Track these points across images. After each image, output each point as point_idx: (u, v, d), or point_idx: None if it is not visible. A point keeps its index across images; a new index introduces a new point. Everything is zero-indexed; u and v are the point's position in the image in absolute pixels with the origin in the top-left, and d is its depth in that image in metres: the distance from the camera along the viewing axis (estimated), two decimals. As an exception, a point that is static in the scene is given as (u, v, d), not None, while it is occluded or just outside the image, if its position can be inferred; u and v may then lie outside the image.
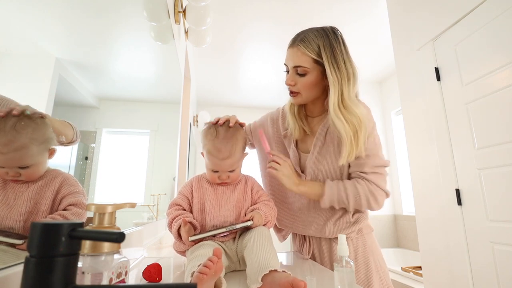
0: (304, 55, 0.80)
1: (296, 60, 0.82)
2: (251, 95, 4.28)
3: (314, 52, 0.80)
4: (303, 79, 0.83)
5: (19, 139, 0.44)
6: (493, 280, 1.45)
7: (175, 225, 0.72)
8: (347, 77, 0.80)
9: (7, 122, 0.43)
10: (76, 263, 0.26)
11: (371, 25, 2.66)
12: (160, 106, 1.62)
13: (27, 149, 0.46)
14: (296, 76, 0.83)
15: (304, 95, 0.85)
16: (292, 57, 0.83)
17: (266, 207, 0.80)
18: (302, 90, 0.84)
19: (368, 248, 0.90)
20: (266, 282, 0.57)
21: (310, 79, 0.82)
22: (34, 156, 0.48)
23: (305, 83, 0.83)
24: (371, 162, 0.83)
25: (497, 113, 1.46)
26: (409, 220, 3.34)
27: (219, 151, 0.74)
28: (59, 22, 0.56)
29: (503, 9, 1.43)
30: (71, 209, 0.52)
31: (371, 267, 0.87)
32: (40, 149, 0.48)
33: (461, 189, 1.65)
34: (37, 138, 0.47)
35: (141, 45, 1.15)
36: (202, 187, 0.81)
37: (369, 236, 0.92)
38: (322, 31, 0.82)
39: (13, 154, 0.45)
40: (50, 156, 0.51)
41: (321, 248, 0.93)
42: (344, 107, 0.80)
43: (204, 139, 0.78)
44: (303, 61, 0.81)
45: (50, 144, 0.50)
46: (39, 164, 0.50)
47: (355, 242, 0.90)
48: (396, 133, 3.62)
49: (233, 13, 2.51)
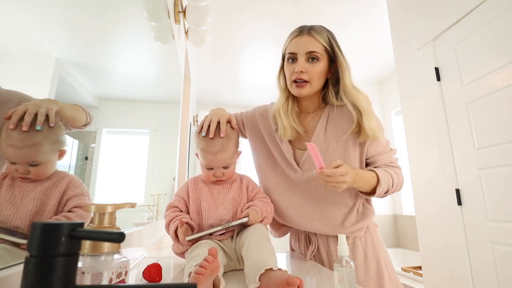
0: (316, 41, 0.84)
1: (309, 46, 0.84)
2: (251, 95, 4.28)
3: (326, 41, 0.84)
4: (315, 66, 0.84)
5: (35, 136, 0.46)
6: (493, 280, 1.45)
7: (172, 227, 0.73)
8: (347, 66, 0.87)
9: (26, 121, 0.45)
10: (76, 263, 0.26)
11: (371, 25, 2.66)
12: (160, 106, 1.62)
13: (40, 146, 0.48)
14: (307, 63, 0.84)
15: (314, 84, 0.86)
16: (305, 43, 0.84)
17: (262, 203, 0.80)
18: (313, 78, 0.85)
19: (377, 245, 0.91)
20: (263, 281, 0.57)
21: (321, 66, 0.85)
22: (45, 154, 0.49)
23: (316, 70, 0.84)
24: (392, 153, 0.93)
25: (497, 113, 1.46)
26: (409, 220, 3.34)
27: (212, 145, 0.75)
28: (59, 22, 0.56)
29: (503, 9, 1.43)
30: (76, 211, 0.53)
31: (382, 264, 0.88)
32: (52, 148, 0.50)
33: (461, 189, 1.65)
34: (50, 137, 0.49)
35: (141, 45, 1.15)
36: (198, 187, 0.81)
37: (375, 233, 0.93)
38: (325, 28, 0.89)
39: (27, 150, 0.46)
40: (60, 158, 0.53)
41: (328, 248, 0.90)
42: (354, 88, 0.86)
43: (196, 138, 0.79)
44: (315, 46, 0.84)
45: (61, 145, 0.52)
46: (48, 163, 0.51)
47: (364, 241, 0.90)
48: (396, 133, 3.62)
49: (233, 13, 2.50)
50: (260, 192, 0.86)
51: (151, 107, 1.42)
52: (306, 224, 0.91)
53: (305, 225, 0.91)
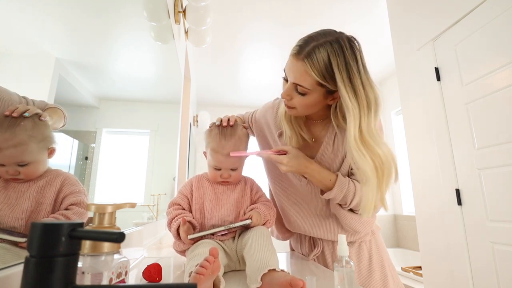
0: (306, 74, 0.67)
1: (297, 77, 0.69)
2: (251, 95, 4.28)
3: (320, 74, 0.66)
4: (301, 98, 0.71)
5: (19, 135, 0.45)
6: (493, 280, 1.45)
7: (175, 225, 0.73)
8: (367, 105, 0.66)
9: (7, 119, 0.43)
10: (76, 263, 0.26)
11: (371, 25, 2.66)
12: (160, 106, 1.62)
13: (26, 146, 0.46)
14: (294, 92, 0.71)
15: (300, 111, 0.76)
16: (293, 71, 0.69)
17: (265, 207, 0.80)
18: (299, 108, 0.74)
19: (380, 247, 0.90)
20: (265, 281, 0.57)
21: (309, 100, 0.71)
22: (33, 153, 0.48)
23: (302, 103, 0.72)
24: None
25: (497, 113, 1.46)
26: (409, 220, 3.34)
27: (223, 147, 0.75)
28: (59, 22, 0.56)
29: (503, 9, 1.43)
30: (72, 209, 0.52)
31: (385, 267, 0.87)
32: (39, 147, 0.49)
33: (461, 189, 1.65)
34: (36, 135, 0.48)
35: (141, 45, 1.15)
36: (202, 186, 0.81)
37: (378, 236, 0.92)
38: (337, 45, 0.66)
39: (12, 150, 0.45)
40: (50, 156, 0.51)
41: (334, 252, 0.89)
42: (363, 144, 0.66)
43: (207, 137, 0.79)
44: (304, 80, 0.68)
45: (49, 143, 0.51)
46: (38, 162, 0.50)
47: (369, 244, 0.89)
48: (396, 133, 3.62)
49: (233, 13, 2.50)
50: (263, 195, 0.85)
51: (151, 107, 1.42)
52: (313, 231, 0.89)
53: (312, 232, 0.90)
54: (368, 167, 0.65)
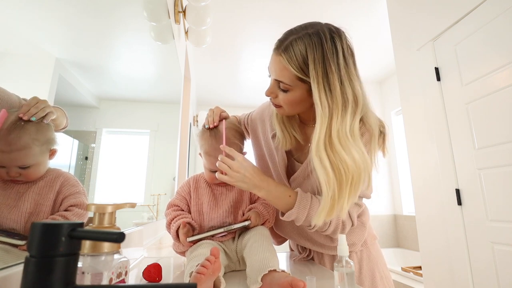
0: (285, 69, 0.63)
1: (278, 73, 0.65)
2: (251, 95, 4.28)
3: (298, 69, 0.61)
4: (285, 95, 0.67)
5: (23, 138, 0.45)
6: (493, 280, 1.45)
7: (174, 226, 0.73)
8: (343, 104, 0.60)
9: (12, 122, 0.43)
10: (76, 263, 0.26)
11: (371, 25, 2.67)
12: (160, 106, 1.62)
13: (29, 149, 0.46)
14: (277, 89, 0.67)
15: (288, 110, 0.71)
16: (274, 67, 0.66)
17: (263, 206, 0.80)
18: (284, 106, 0.69)
19: (373, 260, 0.84)
20: (266, 282, 0.57)
21: (293, 97, 0.66)
22: (35, 156, 0.48)
23: (286, 100, 0.67)
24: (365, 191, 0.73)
25: (497, 113, 1.46)
26: (409, 220, 3.34)
27: (216, 150, 0.74)
28: (59, 22, 0.56)
29: (503, 9, 1.43)
30: (72, 210, 0.52)
31: (377, 279, 0.82)
32: (42, 149, 0.49)
33: (461, 189, 1.65)
34: (39, 138, 0.47)
35: (141, 45, 1.15)
36: (200, 187, 0.81)
37: (373, 246, 0.86)
38: (316, 37, 0.61)
39: (16, 154, 0.45)
40: (51, 157, 0.51)
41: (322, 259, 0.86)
42: (331, 148, 0.60)
43: (200, 140, 0.78)
44: (283, 76, 0.64)
45: (51, 145, 0.50)
46: (39, 164, 0.50)
47: (359, 255, 0.84)
48: (396, 133, 3.62)
49: (233, 13, 2.50)
50: None
51: (151, 107, 1.42)
52: (300, 241, 0.87)
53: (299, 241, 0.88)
54: (322, 176, 0.59)
